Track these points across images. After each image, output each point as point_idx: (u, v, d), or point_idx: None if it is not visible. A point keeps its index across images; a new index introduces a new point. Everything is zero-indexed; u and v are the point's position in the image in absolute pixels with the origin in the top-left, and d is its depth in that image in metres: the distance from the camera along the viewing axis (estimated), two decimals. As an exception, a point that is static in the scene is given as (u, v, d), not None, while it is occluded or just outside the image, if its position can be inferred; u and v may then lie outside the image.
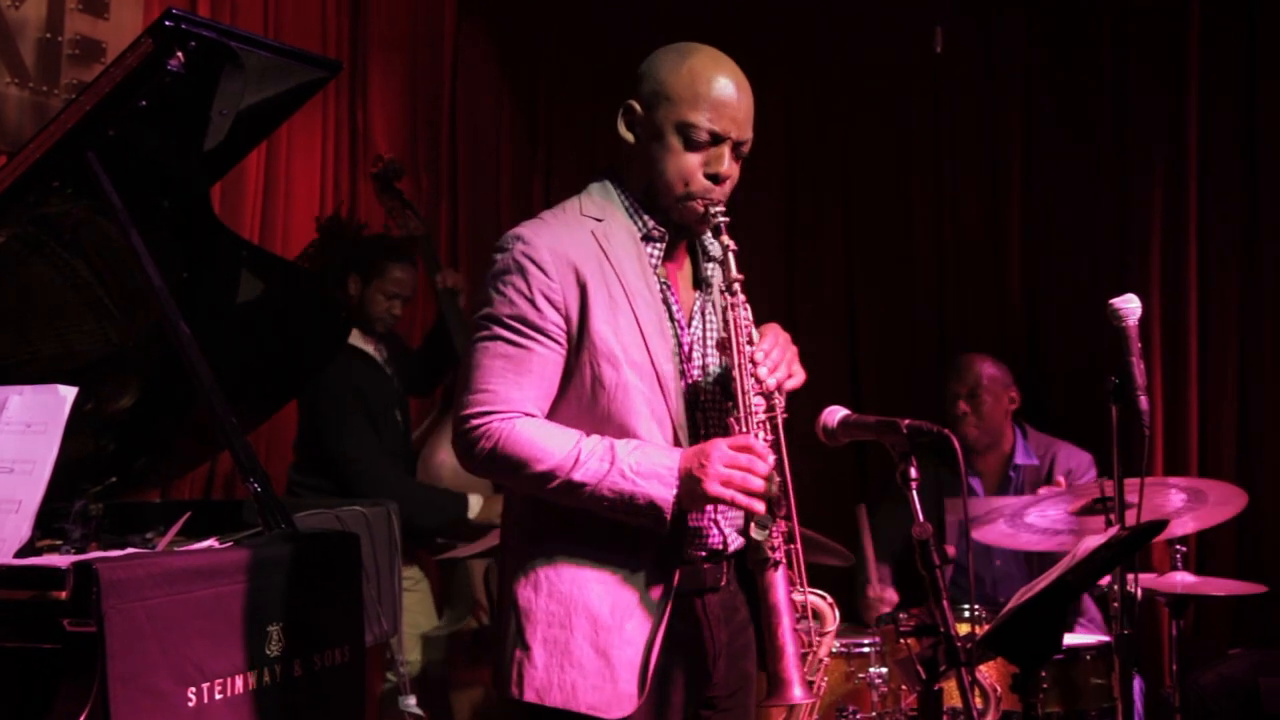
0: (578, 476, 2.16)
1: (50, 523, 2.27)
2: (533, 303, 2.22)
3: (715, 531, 2.31)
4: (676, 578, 2.25)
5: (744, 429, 2.21)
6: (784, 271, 5.22)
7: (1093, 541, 2.27)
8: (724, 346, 2.27)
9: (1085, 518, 3.38)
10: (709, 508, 2.28)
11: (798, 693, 2.15)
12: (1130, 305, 2.89)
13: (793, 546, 2.22)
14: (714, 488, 2.14)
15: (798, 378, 2.32)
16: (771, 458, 2.19)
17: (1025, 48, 4.92)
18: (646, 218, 2.32)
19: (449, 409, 4.45)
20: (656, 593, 2.24)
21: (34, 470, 2.11)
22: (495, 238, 2.33)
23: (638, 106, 2.32)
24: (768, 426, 2.23)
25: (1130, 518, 2.89)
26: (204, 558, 2.12)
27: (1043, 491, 3.67)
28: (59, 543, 2.33)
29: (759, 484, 2.15)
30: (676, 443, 2.26)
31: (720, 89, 2.28)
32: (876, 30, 5.12)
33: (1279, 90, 4.39)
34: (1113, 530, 2.62)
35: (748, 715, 2.42)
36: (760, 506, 2.16)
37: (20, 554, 2.06)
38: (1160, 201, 4.62)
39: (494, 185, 5.43)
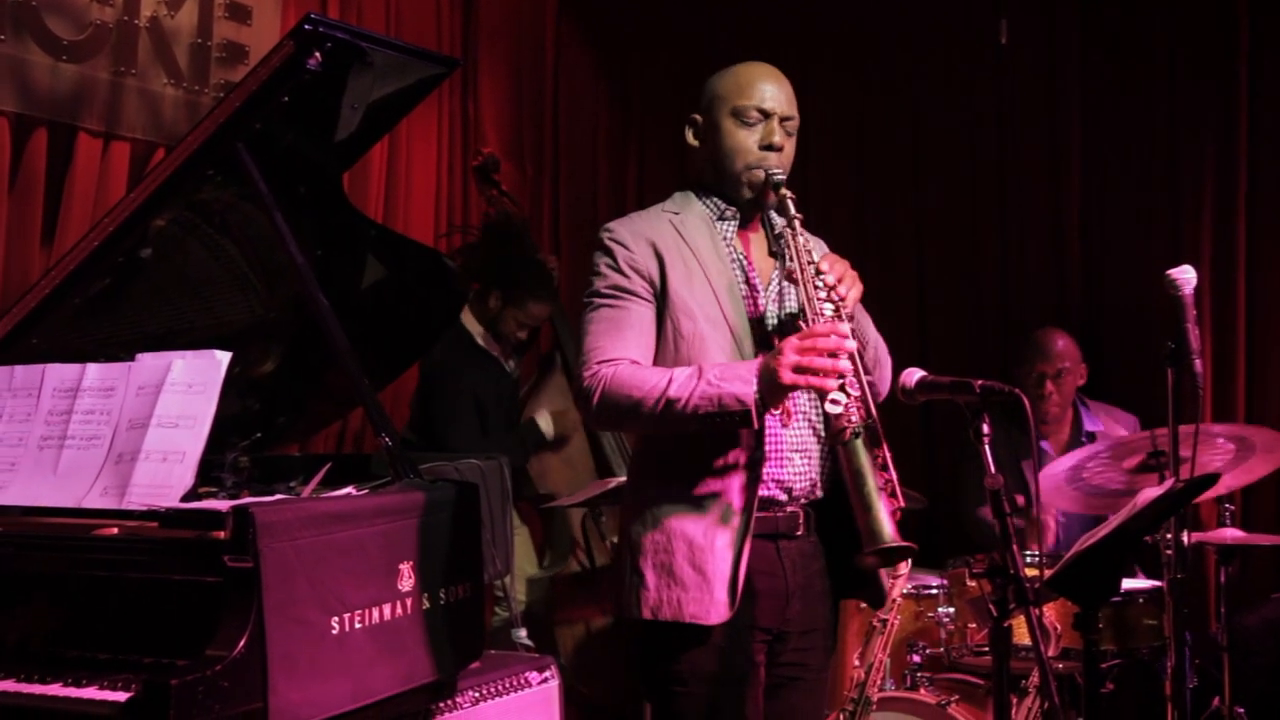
0: (672, 393, 2.22)
1: (207, 473, 2.32)
2: (621, 272, 2.37)
3: (790, 475, 2.35)
4: (755, 503, 2.29)
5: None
6: (856, 246, 5.15)
7: (1151, 493, 2.23)
8: (791, 276, 2.32)
9: (1139, 475, 3.31)
10: (790, 449, 2.33)
11: (888, 534, 2.06)
12: (1186, 275, 2.82)
13: (871, 421, 2.17)
14: (787, 374, 2.15)
15: (858, 286, 2.31)
16: (845, 326, 2.20)
17: (1083, 32, 4.79)
18: (718, 200, 2.44)
19: (546, 375, 4.50)
20: (739, 512, 2.30)
21: (195, 425, 2.15)
22: (593, 220, 2.40)
23: (697, 115, 2.48)
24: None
25: (1184, 472, 2.83)
26: (344, 503, 2.16)
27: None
28: (214, 490, 2.39)
29: (826, 362, 2.14)
30: None
31: (760, 77, 2.42)
32: (943, 18, 5.03)
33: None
34: (1169, 483, 2.56)
35: (820, 655, 2.46)
36: (832, 384, 2.15)
37: (184, 499, 2.11)
38: (1211, 175, 4.49)
39: (591, 172, 5.42)
